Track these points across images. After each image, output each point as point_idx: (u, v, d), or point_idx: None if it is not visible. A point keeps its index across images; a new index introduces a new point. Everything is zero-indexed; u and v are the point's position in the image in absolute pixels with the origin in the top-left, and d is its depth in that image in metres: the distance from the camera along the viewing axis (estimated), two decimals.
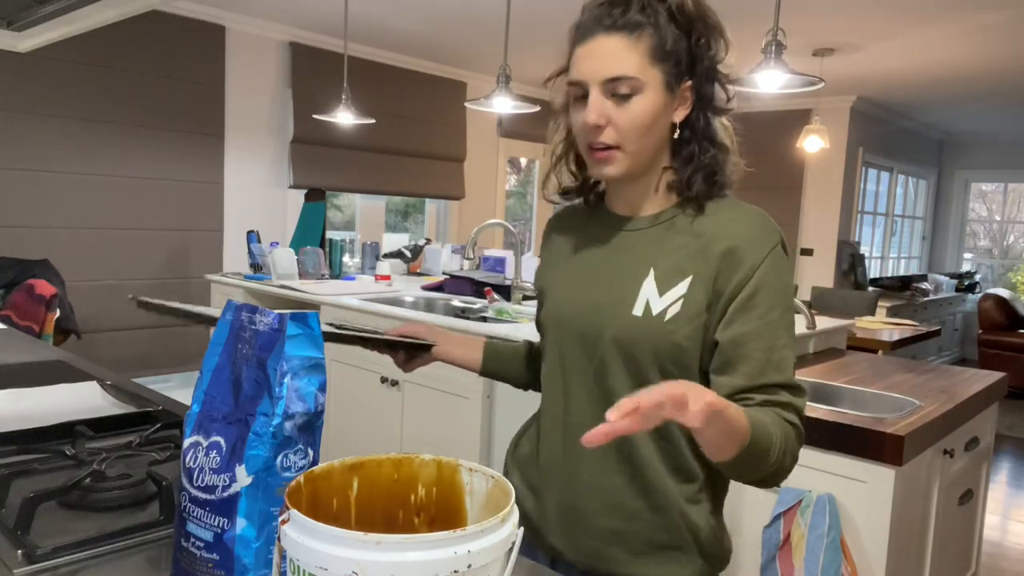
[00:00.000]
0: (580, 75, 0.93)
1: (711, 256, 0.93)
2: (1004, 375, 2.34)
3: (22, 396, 1.30)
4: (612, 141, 0.93)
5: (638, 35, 0.90)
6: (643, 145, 0.94)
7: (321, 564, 0.52)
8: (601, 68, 0.91)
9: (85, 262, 4.04)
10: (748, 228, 0.95)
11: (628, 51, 0.90)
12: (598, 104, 0.91)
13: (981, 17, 3.92)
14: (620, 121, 0.91)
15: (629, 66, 0.90)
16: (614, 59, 0.90)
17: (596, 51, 0.91)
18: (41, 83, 3.82)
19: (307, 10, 4.35)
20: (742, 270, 0.92)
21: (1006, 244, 8.37)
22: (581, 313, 1.01)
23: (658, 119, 0.93)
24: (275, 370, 0.70)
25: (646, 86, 0.90)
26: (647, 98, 0.91)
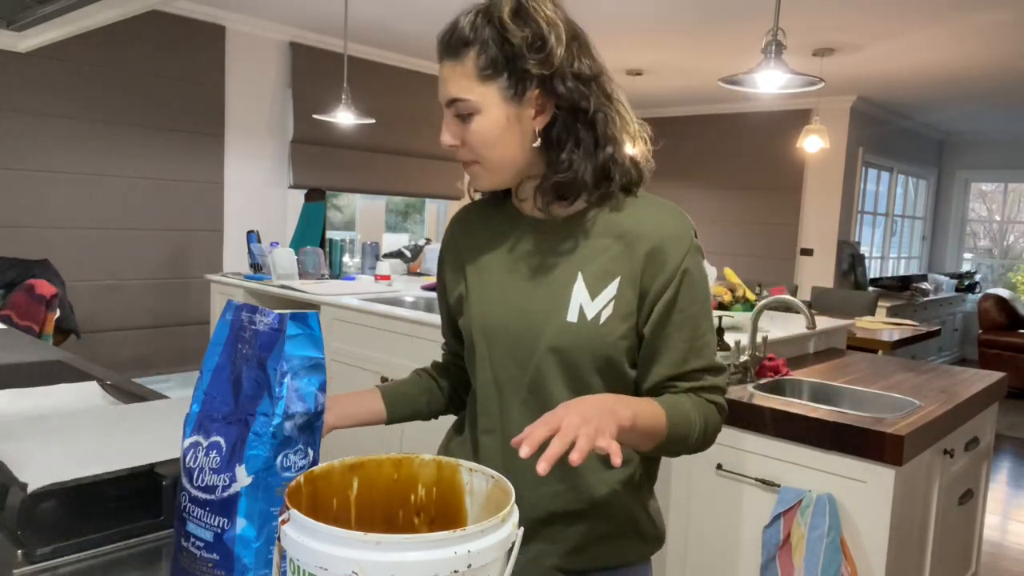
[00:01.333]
0: (440, 97, 0.99)
1: (636, 257, 0.96)
2: (1004, 375, 2.34)
3: (22, 396, 1.30)
4: (468, 157, 0.97)
5: (463, 57, 0.93)
6: (499, 158, 0.96)
7: (321, 564, 0.52)
8: (442, 93, 0.96)
9: (85, 262, 4.04)
10: (667, 226, 0.97)
11: (457, 75, 0.93)
12: (449, 124, 0.96)
13: (981, 17, 3.91)
14: (468, 139, 0.95)
15: (460, 88, 0.93)
16: (448, 84, 0.94)
17: (440, 77, 0.97)
18: (41, 83, 3.82)
19: (307, 10, 4.35)
20: (666, 270, 0.95)
21: (1006, 244, 8.37)
22: (512, 321, 1.00)
23: (504, 132, 0.94)
24: (275, 370, 0.70)
25: (482, 104, 0.93)
26: (487, 116, 0.93)
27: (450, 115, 0.96)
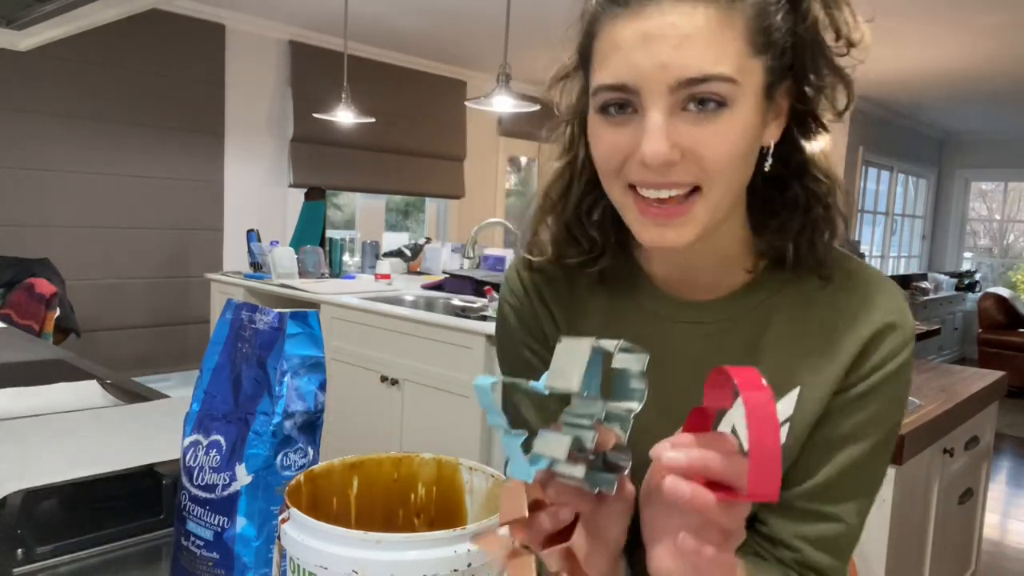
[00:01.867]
0: (627, 74, 0.56)
1: (837, 358, 0.66)
2: (1004, 374, 2.34)
3: (22, 395, 1.30)
4: (691, 179, 0.58)
5: (733, 4, 0.56)
6: (738, 184, 0.62)
7: (321, 563, 0.52)
8: (673, 60, 0.55)
9: (85, 261, 4.04)
10: (880, 308, 0.67)
11: (721, 31, 0.55)
12: (665, 126, 0.56)
13: (981, 17, 3.91)
14: (705, 150, 0.57)
15: (724, 57, 0.55)
16: (699, 45, 0.55)
17: (659, 31, 0.55)
18: (41, 82, 3.81)
19: (307, 9, 4.35)
20: (862, 367, 0.67)
21: (1006, 243, 8.37)
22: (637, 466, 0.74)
23: (751, 147, 0.60)
24: (275, 369, 0.70)
25: (742, 92, 0.57)
26: (743, 111, 0.57)
27: (666, 106, 0.56)
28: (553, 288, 0.77)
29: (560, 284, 0.77)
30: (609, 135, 0.60)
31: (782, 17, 0.58)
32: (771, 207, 0.67)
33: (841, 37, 0.61)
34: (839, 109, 0.65)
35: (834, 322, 0.67)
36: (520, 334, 0.79)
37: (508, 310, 0.81)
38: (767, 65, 0.58)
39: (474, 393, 0.49)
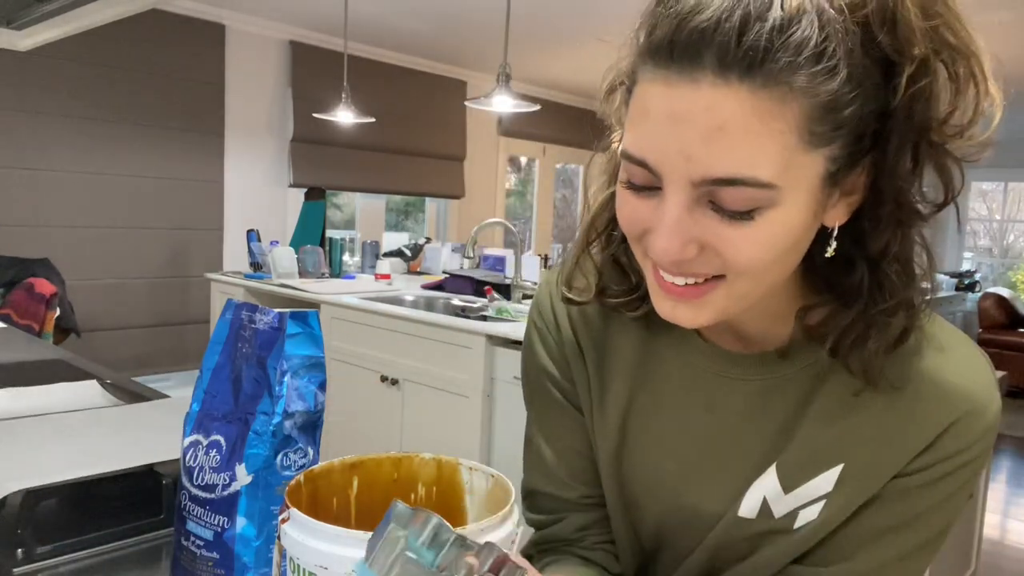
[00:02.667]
0: (650, 154, 0.49)
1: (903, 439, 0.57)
2: (1004, 374, 2.34)
3: (22, 395, 1.30)
4: (710, 272, 0.52)
5: (792, 88, 0.44)
6: (772, 279, 0.53)
7: (321, 563, 0.52)
8: (700, 155, 0.46)
9: (85, 261, 4.04)
10: (969, 386, 0.57)
11: (765, 124, 0.45)
12: (683, 221, 0.49)
13: (981, 17, 3.90)
14: (728, 250, 0.49)
15: (764, 158, 0.46)
16: (734, 141, 0.45)
17: (690, 114, 0.46)
18: (41, 82, 3.81)
19: (307, 9, 4.35)
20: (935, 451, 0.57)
21: (1006, 243, 8.37)
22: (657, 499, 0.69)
23: (800, 240, 0.51)
24: (275, 369, 0.69)
25: (786, 194, 0.47)
26: (785, 212, 0.48)
27: (686, 200, 0.48)
28: (588, 322, 0.71)
29: (595, 318, 0.71)
30: (631, 204, 0.52)
31: (861, 103, 0.46)
32: (828, 285, 0.56)
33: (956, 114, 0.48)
34: (936, 203, 0.52)
35: (903, 406, 0.57)
36: (550, 371, 0.74)
37: (536, 339, 0.75)
38: (831, 155, 0.47)
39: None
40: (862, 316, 0.54)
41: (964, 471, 0.58)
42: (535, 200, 6.92)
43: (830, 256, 0.53)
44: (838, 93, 0.45)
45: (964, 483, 0.59)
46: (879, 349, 0.54)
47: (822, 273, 0.56)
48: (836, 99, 0.45)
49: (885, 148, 0.48)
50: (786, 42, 0.43)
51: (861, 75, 0.45)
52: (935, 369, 0.57)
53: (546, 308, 0.75)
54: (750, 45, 0.43)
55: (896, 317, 0.53)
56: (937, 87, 0.47)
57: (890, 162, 0.49)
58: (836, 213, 0.52)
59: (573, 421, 0.73)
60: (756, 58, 0.44)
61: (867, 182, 0.51)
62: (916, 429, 0.57)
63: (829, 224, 0.52)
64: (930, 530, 0.60)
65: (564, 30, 4.40)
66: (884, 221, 0.51)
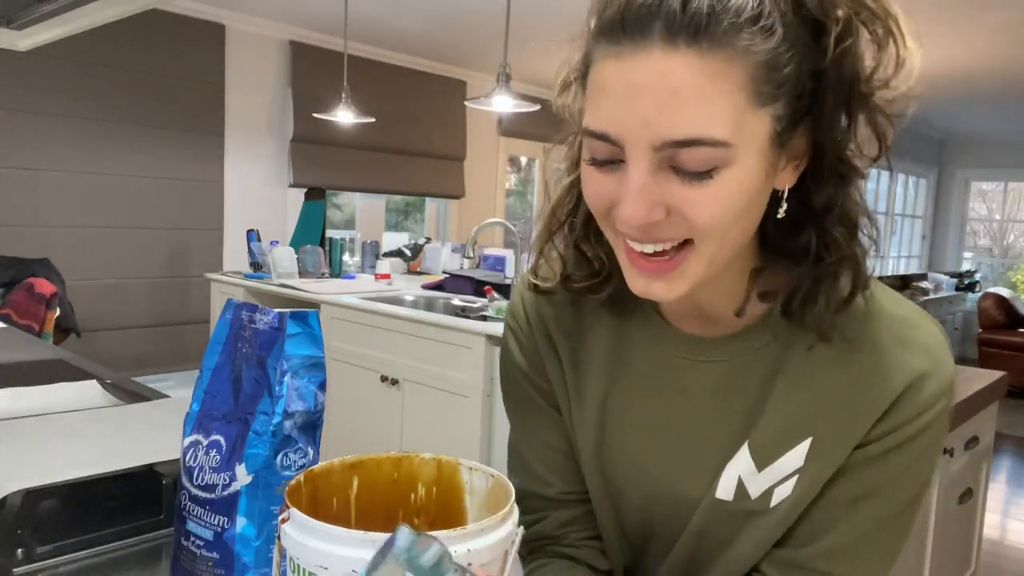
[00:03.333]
0: (610, 126, 0.51)
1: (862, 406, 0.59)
2: (1004, 374, 2.34)
3: (22, 395, 1.30)
4: (673, 235, 0.54)
5: (735, 49, 0.48)
6: (734, 240, 0.56)
7: (321, 563, 0.52)
8: (657, 119, 0.49)
9: (85, 261, 4.04)
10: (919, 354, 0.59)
11: (715, 85, 0.48)
12: (647, 187, 0.51)
13: (982, 17, 3.91)
14: (693, 211, 0.52)
15: (717, 117, 0.49)
16: (688, 103, 0.48)
17: (645, 82, 0.49)
18: (41, 82, 3.81)
19: (307, 9, 4.35)
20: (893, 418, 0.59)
21: (1006, 243, 8.37)
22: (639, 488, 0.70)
23: (756, 198, 0.54)
24: (275, 369, 0.70)
25: (740, 152, 0.50)
26: (741, 170, 0.51)
27: (649, 166, 0.51)
28: (559, 316, 0.73)
29: (566, 311, 0.73)
30: (596, 180, 0.55)
31: (798, 61, 0.50)
32: (781, 249, 0.60)
33: (877, 74, 0.53)
34: (872, 156, 0.55)
35: (859, 371, 0.59)
36: (524, 369, 0.76)
37: (511, 340, 0.77)
38: (776, 114, 0.51)
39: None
40: (810, 273, 0.57)
41: (924, 436, 0.60)
42: (535, 200, 6.92)
43: (780, 218, 0.57)
44: (776, 52, 0.49)
45: (925, 449, 0.60)
46: (828, 303, 0.57)
47: (773, 242, 0.60)
48: (776, 58, 0.49)
49: (821, 106, 0.52)
50: (726, 6, 0.47)
51: (795, 36, 0.50)
52: (887, 337, 0.59)
53: (518, 309, 0.76)
54: (694, 12, 0.47)
55: (843, 273, 0.57)
56: (860, 46, 0.51)
57: (827, 119, 0.53)
58: (785, 176, 0.56)
59: (550, 419, 0.75)
60: (701, 23, 0.47)
61: (809, 143, 0.55)
62: (873, 396, 0.59)
63: (779, 187, 0.56)
64: (900, 497, 0.61)
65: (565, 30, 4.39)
66: (826, 176, 0.55)
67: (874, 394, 0.59)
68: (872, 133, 0.55)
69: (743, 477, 0.62)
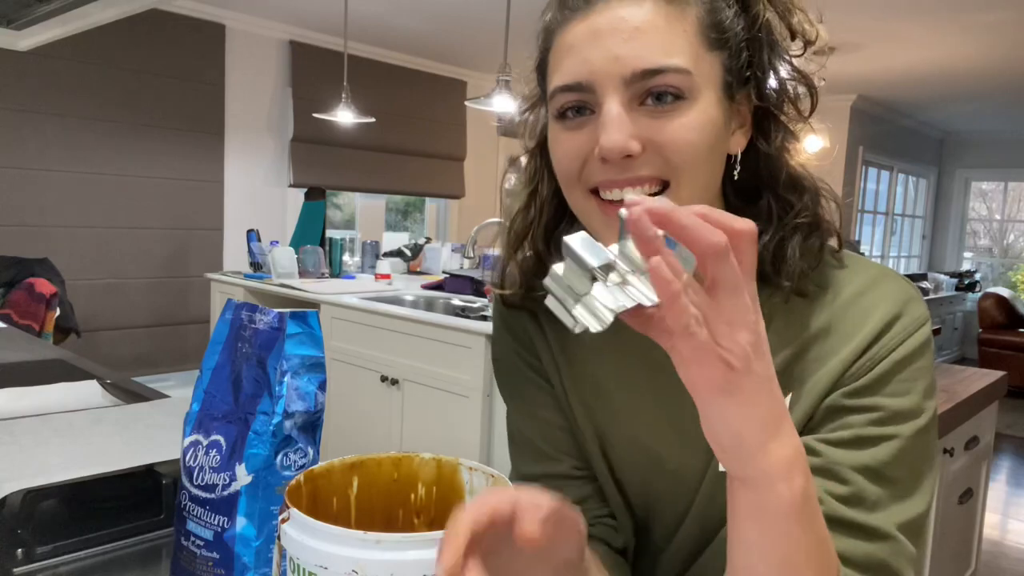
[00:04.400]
0: (581, 72, 0.56)
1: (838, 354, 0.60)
2: (1004, 374, 2.34)
3: (22, 395, 1.30)
4: (655, 173, 0.56)
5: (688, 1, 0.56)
6: (704, 181, 0.59)
7: (321, 563, 0.52)
8: (626, 52, 0.54)
9: (85, 261, 4.04)
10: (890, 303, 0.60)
11: (671, 24, 0.55)
12: (622, 115, 0.55)
13: (982, 16, 3.91)
14: (666, 139, 0.55)
15: (677, 49, 0.55)
16: (651, 37, 0.55)
17: (609, 25, 0.55)
18: (41, 82, 3.81)
19: (307, 9, 4.35)
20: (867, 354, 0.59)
21: (1006, 243, 8.37)
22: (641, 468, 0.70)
23: (716, 144, 0.58)
24: (275, 369, 0.69)
25: (700, 86, 0.56)
26: (703, 104, 0.56)
27: (622, 99, 0.55)
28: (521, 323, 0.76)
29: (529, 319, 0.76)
30: (567, 139, 0.59)
31: (734, 15, 0.58)
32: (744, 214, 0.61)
33: (795, 37, 0.61)
34: (804, 113, 0.62)
35: (833, 323, 0.61)
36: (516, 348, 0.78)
37: (501, 323, 0.80)
38: (723, 62, 0.58)
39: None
40: (776, 234, 0.61)
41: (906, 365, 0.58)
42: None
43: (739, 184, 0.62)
44: (721, 6, 0.57)
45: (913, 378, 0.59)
46: (798, 256, 0.60)
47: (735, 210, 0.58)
48: (718, 7, 0.57)
49: (757, 67, 0.59)
50: None
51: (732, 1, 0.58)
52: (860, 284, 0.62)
53: (498, 325, 0.80)
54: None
55: (806, 230, 0.61)
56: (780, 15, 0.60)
57: (764, 75, 0.60)
58: (736, 140, 0.61)
59: (548, 396, 0.75)
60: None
61: (751, 113, 0.61)
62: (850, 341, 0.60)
63: (732, 151, 0.61)
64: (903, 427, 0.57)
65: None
66: (770, 141, 0.61)
67: (849, 339, 0.60)
68: (804, 88, 0.62)
69: None
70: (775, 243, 0.61)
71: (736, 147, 0.62)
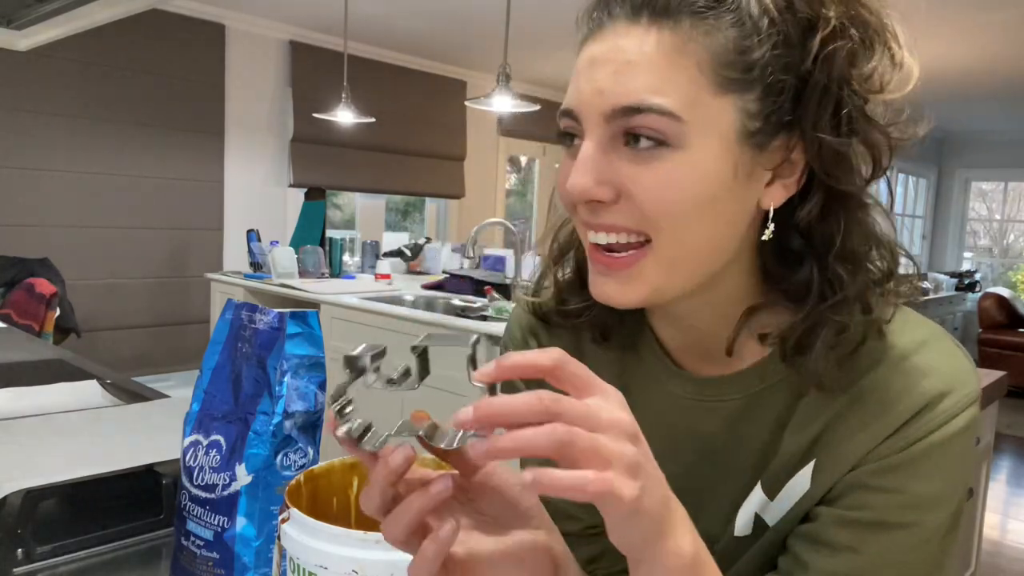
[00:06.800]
0: (573, 100, 0.52)
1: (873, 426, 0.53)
2: (1004, 374, 2.34)
3: (22, 395, 1.30)
4: (630, 225, 0.51)
5: (697, 29, 0.48)
6: (694, 245, 0.52)
7: (321, 563, 0.52)
8: (610, 86, 0.49)
9: (85, 261, 4.04)
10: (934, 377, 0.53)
11: (671, 59, 0.48)
12: (594, 158, 0.50)
13: (982, 16, 3.91)
14: (640, 192, 0.50)
15: (669, 88, 0.48)
16: (641, 72, 0.48)
17: (604, 55, 0.50)
18: (41, 82, 3.81)
19: (307, 9, 4.35)
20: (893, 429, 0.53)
21: (1006, 243, 8.37)
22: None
23: (714, 200, 0.50)
24: (275, 369, 0.70)
25: (693, 134, 0.49)
26: (697, 155, 0.49)
27: (598, 137, 0.51)
28: (556, 340, 0.69)
29: (565, 340, 0.68)
30: (566, 165, 0.54)
31: (772, 51, 0.48)
32: (779, 284, 0.55)
33: (872, 78, 0.50)
34: (865, 177, 0.52)
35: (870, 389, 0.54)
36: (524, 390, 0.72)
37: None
38: (743, 107, 0.49)
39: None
40: (809, 315, 0.52)
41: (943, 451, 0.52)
42: (535, 200, 6.92)
43: (778, 249, 0.54)
44: (745, 38, 0.48)
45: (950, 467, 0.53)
46: (828, 351, 0.52)
47: (773, 278, 0.56)
48: (742, 44, 0.48)
49: (805, 110, 0.49)
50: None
51: (774, 28, 0.48)
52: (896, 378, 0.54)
53: (516, 336, 0.73)
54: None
55: (847, 316, 0.51)
56: (850, 51, 0.49)
57: (811, 124, 0.49)
58: (771, 193, 0.52)
59: None
60: (667, 1, 0.49)
61: (801, 159, 0.52)
62: (884, 415, 0.53)
63: (765, 206, 0.52)
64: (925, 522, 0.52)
65: (564, 30, 4.39)
66: (818, 199, 0.52)
67: (888, 407, 0.53)
68: (866, 151, 0.51)
69: (759, 511, 0.58)
70: (801, 331, 0.52)
71: (769, 202, 0.52)
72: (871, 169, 0.52)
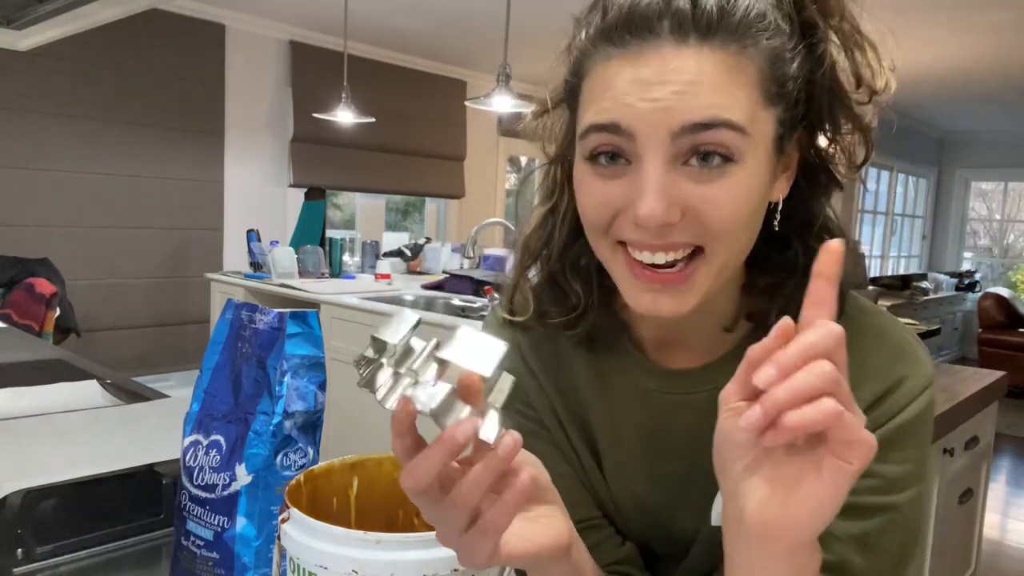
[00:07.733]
0: (621, 115, 0.50)
1: None
2: (1004, 374, 2.34)
3: (22, 395, 1.30)
4: (691, 240, 0.52)
5: (747, 46, 0.49)
6: (743, 247, 0.55)
7: (321, 563, 0.52)
8: (676, 104, 0.48)
9: (85, 261, 4.04)
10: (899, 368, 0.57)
11: (731, 77, 0.49)
12: (664, 182, 0.49)
13: (982, 16, 3.91)
14: (709, 210, 0.50)
15: (735, 105, 0.49)
16: (707, 90, 0.48)
17: (659, 77, 0.49)
18: (41, 82, 3.81)
19: (307, 9, 4.35)
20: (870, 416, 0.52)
21: (1006, 243, 8.37)
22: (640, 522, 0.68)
23: (760, 206, 0.54)
24: (275, 369, 0.70)
25: (752, 148, 0.50)
26: (752, 167, 0.51)
27: (665, 157, 0.50)
28: (537, 352, 0.70)
29: (544, 346, 0.70)
30: (598, 188, 0.53)
31: (798, 64, 0.52)
32: (767, 266, 0.59)
33: (863, 84, 0.55)
34: (856, 163, 0.57)
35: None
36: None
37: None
38: (779, 116, 0.52)
39: None
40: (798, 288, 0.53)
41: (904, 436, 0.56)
42: (535, 200, 6.90)
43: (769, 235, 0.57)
44: (783, 51, 0.51)
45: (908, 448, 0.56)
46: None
47: (759, 258, 0.58)
48: (782, 57, 0.51)
49: (814, 115, 0.55)
50: (735, 5, 0.49)
51: (797, 40, 0.52)
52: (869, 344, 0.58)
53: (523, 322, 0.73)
54: (704, 10, 0.48)
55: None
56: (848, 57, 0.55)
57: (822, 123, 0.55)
58: (779, 187, 0.56)
59: (547, 444, 0.70)
60: (712, 20, 0.49)
61: (798, 159, 0.57)
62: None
63: (773, 199, 0.56)
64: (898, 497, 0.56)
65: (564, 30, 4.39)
66: (812, 189, 0.58)
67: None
68: (861, 138, 0.56)
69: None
70: (792, 300, 0.55)
71: (778, 194, 0.56)
72: (862, 158, 0.58)
